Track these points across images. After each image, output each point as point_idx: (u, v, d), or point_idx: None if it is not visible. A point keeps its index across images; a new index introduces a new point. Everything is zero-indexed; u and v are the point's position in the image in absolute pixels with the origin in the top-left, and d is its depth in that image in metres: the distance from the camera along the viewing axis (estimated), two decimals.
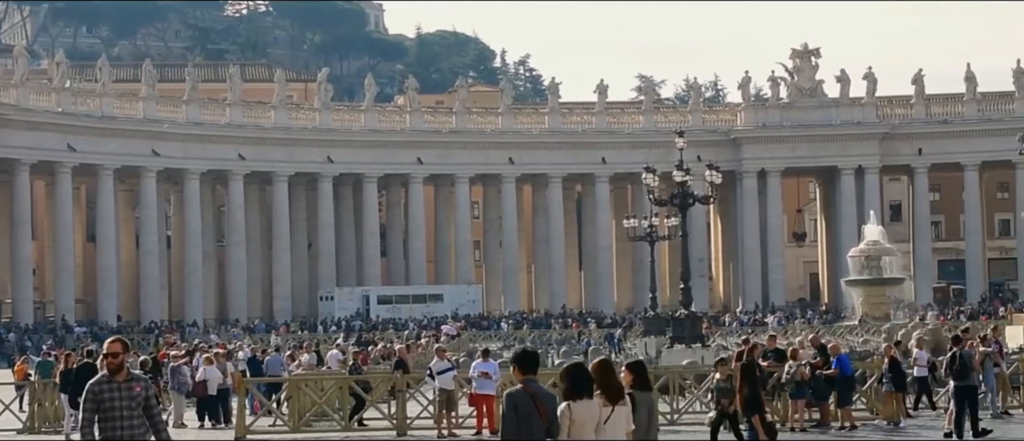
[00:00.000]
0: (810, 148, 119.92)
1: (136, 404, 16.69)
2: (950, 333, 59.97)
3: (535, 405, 15.65)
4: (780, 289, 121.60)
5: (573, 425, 15.79)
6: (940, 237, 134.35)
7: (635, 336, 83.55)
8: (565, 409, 15.81)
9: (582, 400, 15.87)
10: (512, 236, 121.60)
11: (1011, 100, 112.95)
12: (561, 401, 15.93)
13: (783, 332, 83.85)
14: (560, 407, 15.84)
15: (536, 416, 15.63)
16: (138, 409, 16.68)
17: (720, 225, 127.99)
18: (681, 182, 63.17)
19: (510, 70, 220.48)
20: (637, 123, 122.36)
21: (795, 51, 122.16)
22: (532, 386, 15.86)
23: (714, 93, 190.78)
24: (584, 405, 15.87)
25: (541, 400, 15.74)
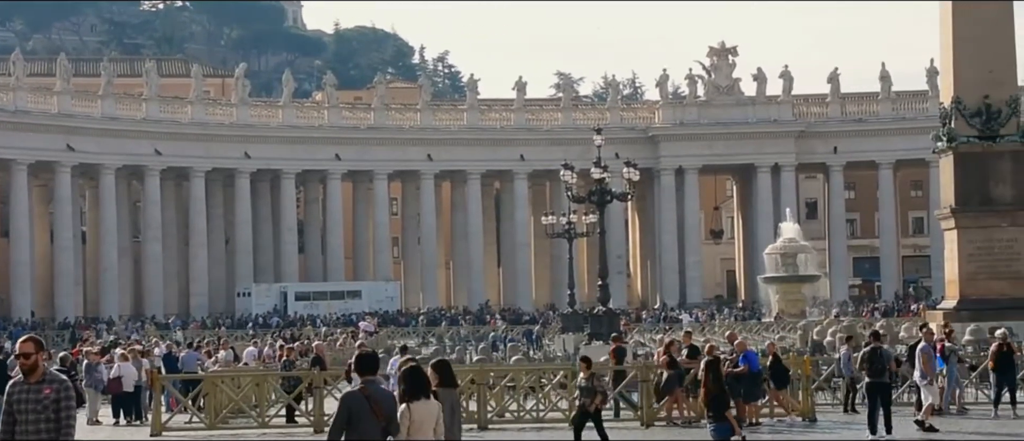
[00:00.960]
0: (727, 146, 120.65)
1: (44, 407, 16.12)
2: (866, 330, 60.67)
3: (370, 406, 16.07)
4: (697, 286, 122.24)
5: (412, 425, 16.37)
6: (855, 235, 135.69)
7: (553, 333, 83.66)
8: (404, 410, 16.41)
9: (420, 401, 16.51)
10: (430, 233, 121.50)
11: (925, 99, 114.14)
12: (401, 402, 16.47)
13: (700, 329, 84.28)
14: (400, 408, 16.38)
15: (371, 417, 16.03)
16: (46, 412, 16.12)
17: (638, 222, 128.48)
18: (599, 179, 63.40)
19: (429, 67, 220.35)
20: (555, 120, 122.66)
21: (712, 49, 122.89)
22: (369, 387, 16.29)
23: (632, 91, 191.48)
24: (422, 405, 16.51)
25: (376, 401, 16.15)
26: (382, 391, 16.57)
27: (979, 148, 52.55)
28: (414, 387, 16.66)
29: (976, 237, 52.37)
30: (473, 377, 37.30)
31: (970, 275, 52.29)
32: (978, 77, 52.99)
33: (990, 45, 53.24)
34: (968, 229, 52.51)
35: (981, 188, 52.71)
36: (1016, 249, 52.77)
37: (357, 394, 16.29)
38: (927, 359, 34.03)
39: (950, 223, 53.44)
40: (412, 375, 16.81)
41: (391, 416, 16.27)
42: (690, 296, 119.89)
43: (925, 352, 34.23)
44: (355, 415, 16.09)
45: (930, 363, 34.07)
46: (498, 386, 38.02)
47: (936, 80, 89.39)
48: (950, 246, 53.89)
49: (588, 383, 29.76)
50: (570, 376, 37.43)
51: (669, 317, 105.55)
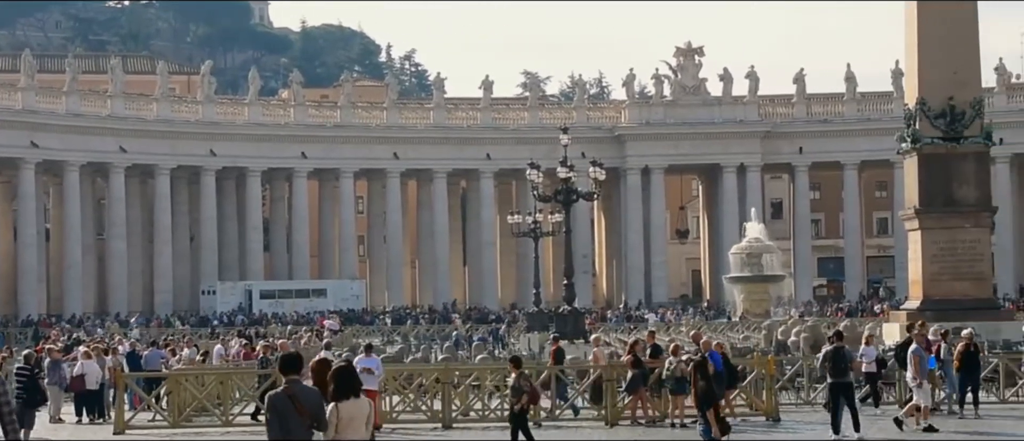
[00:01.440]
0: (693, 146, 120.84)
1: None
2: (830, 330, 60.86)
3: (294, 405, 16.57)
4: (663, 285, 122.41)
5: (341, 423, 16.79)
6: (820, 235, 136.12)
7: (519, 332, 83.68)
8: (333, 409, 16.83)
9: (349, 400, 16.93)
10: (396, 231, 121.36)
11: (890, 100, 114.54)
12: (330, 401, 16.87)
13: (664, 328, 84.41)
14: (329, 407, 16.79)
15: (295, 416, 16.54)
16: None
17: (604, 221, 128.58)
18: (565, 178, 63.50)
19: (395, 65, 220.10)
20: (522, 119, 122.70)
21: (679, 49, 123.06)
22: (293, 387, 16.79)
23: (599, 90, 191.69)
24: (352, 404, 16.94)
25: (301, 400, 16.66)
26: (306, 390, 16.97)
27: (943, 149, 52.80)
28: (343, 386, 17.03)
29: (940, 238, 52.61)
30: (438, 376, 37.29)
31: (934, 276, 52.54)
32: (942, 79, 53.24)
33: (954, 47, 53.51)
34: (932, 230, 52.75)
35: (945, 189, 52.97)
36: (979, 250, 53.08)
37: (281, 394, 16.75)
38: (919, 360, 34.11)
39: (914, 224, 53.68)
40: (341, 375, 17.18)
41: (316, 414, 16.67)
42: (655, 295, 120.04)
43: (917, 354, 34.30)
44: (281, 414, 16.59)
45: (922, 364, 34.13)
46: (463, 385, 38.03)
47: (901, 82, 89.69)
48: (914, 247, 54.13)
49: (516, 383, 30.00)
50: (535, 375, 37.48)
51: (634, 316, 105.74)
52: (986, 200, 54.06)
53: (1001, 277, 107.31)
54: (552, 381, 37.65)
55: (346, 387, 17.06)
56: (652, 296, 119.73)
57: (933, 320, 48.37)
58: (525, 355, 59.34)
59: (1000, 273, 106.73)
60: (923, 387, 33.87)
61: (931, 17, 53.73)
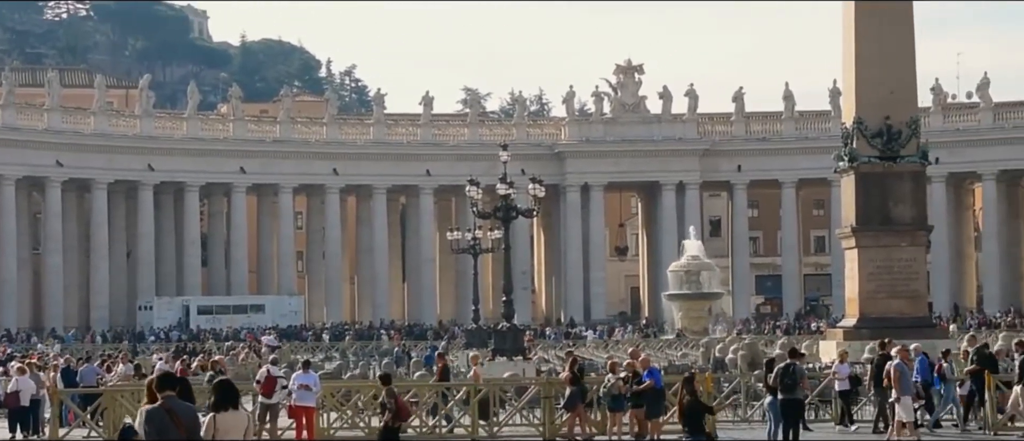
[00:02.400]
0: (632, 163, 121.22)
1: None
2: (767, 347, 61.18)
3: (172, 419, 17.03)
4: (601, 302, 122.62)
5: (217, 433, 17.31)
6: (758, 253, 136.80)
7: (457, 348, 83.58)
8: (210, 420, 17.41)
9: (227, 412, 17.47)
10: (335, 247, 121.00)
11: (827, 119, 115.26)
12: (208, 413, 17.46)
13: (603, 345, 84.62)
14: (206, 419, 17.38)
15: (173, 428, 17.00)
16: None
17: (543, 238, 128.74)
18: (505, 195, 63.34)
19: (335, 80, 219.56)
20: (462, 136, 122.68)
21: (619, 67, 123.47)
22: (169, 402, 17.21)
23: (539, 107, 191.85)
24: (230, 416, 17.47)
25: (178, 414, 17.11)
26: (183, 405, 17.35)
27: (880, 168, 53.08)
28: (222, 399, 17.56)
29: (876, 256, 52.87)
30: (375, 393, 37.18)
31: (870, 294, 52.79)
32: (879, 98, 53.55)
33: (891, 67, 53.85)
34: (868, 248, 53.02)
35: (881, 208, 53.24)
36: (915, 268, 53.37)
37: (159, 409, 17.13)
38: (900, 376, 34.27)
39: (851, 242, 53.94)
40: (220, 388, 17.77)
41: (192, 428, 17.17)
42: (594, 312, 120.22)
43: (899, 369, 34.47)
44: (158, 428, 17.00)
45: (903, 380, 34.27)
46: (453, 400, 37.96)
47: (838, 100, 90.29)
48: (851, 265, 54.40)
49: (383, 399, 30.37)
50: (473, 393, 37.47)
51: (573, 333, 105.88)
52: (922, 219, 54.39)
53: (936, 295, 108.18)
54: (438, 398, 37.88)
55: (225, 399, 17.56)
56: (591, 313, 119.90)
57: (869, 338, 48.68)
58: (464, 372, 59.35)
59: (935, 291, 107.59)
60: (903, 402, 34.07)
61: (868, 37, 54.09)
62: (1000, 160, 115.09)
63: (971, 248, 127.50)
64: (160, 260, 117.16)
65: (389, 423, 30.37)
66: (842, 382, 38.81)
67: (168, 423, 17.01)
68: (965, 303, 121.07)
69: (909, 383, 34.33)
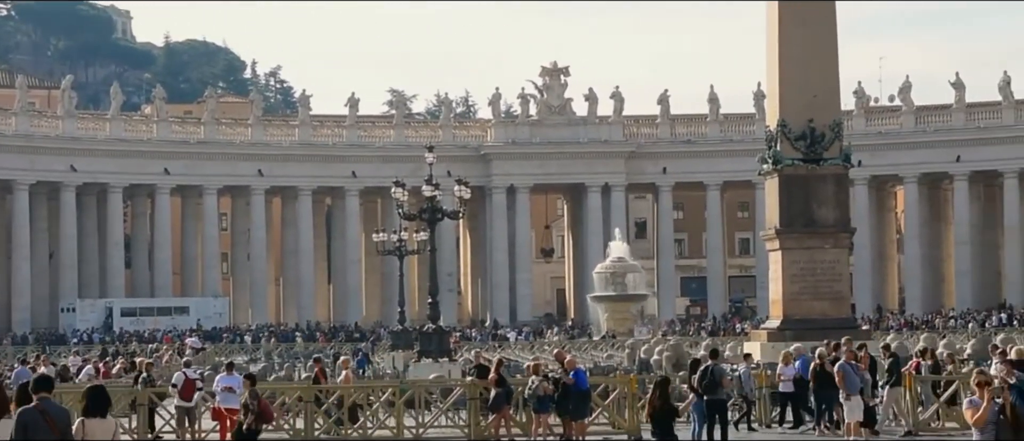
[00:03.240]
0: (558, 165, 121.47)
1: None
2: (692, 349, 61.49)
3: (45, 420, 17.59)
4: (527, 304, 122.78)
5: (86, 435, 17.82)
6: (683, 254, 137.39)
7: (383, 350, 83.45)
8: (79, 424, 17.91)
9: (96, 418, 18.03)
10: (260, 248, 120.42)
11: (752, 122, 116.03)
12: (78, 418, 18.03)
13: (528, 347, 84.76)
14: (75, 423, 17.89)
15: (46, 429, 17.53)
16: None
17: (469, 240, 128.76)
18: (431, 197, 63.28)
19: (260, 81, 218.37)
20: (388, 137, 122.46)
21: (545, 69, 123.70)
22: (43, 404, 17.78)
23: (465, 109, 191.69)
24: (98, 423, 18.03)
25: (51, 416, 17.67)
26: (57, 407, 18.08)
27: (803, 171, 53.48)
28: (92, 405, 18.10)
29: (799, 258, 53.26)
30: (301, 394, 37.06)
31: (793, 295, 53.17)
32: (803, 101, 53.95)
33: (814, 71, 54.28)
34: (792, 250, 53.39)
35: (805, 210, 53.63)
36: (838, 270, 53.81)
37: (33, 410, 17.67)
38: (845, 376, 34.51)
39: (775, 244, 54.31)
40: (91, 394, 18.33)
41: (65, 429, 17.67)
42: (520, 314, 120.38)
43: (843, 369, 34.70)
44: (31, 429, 17.50)
45: (849, 380, 34.50)
46: (326, 404, 37.80)
47: (763, 103, 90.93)
48: (774, 267, 54.77)
49: (245, 401, 30.50)
50: (398, 394, 37.42)
51: (499, 335, 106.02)
52: (845, 221, 54.85)
53: (859, 297, 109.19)
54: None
55: (95, 405, 18.10)
56: (517, 314, 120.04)
57: (792, 339, 48.99)
58: (390, 373, 59.32)
59: (858, 293, 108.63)
60: (851, 402, 34.31)
61: (792, 41, 54.49)
62: (922, 163, 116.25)
63: (893, 250, 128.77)
64: (83, 262, 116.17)
65: (252, 425, 30.31)
66: (786, 384, 38.96)
67: (41, 424, 17.50)
68: (887, 305, 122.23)
69: (855, 382, 34.59)
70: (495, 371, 36.93)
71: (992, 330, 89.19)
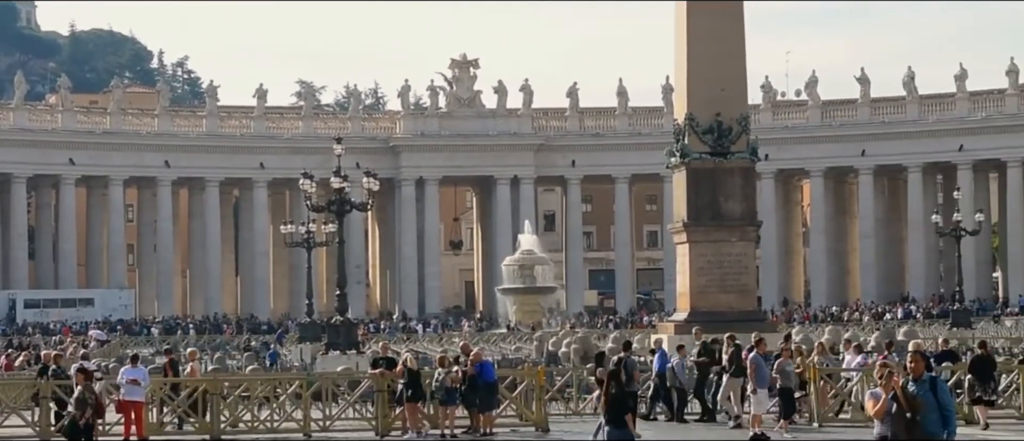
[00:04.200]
0: (467, 157, 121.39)
1: None
2: (600, 341, 61.65)
3: None
4: (436, 296, 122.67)
5: None
6: (592, 247, 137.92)
7: (291, 342, 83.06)
8: None
9: None
10: (167, 240, 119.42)
11: (660, 115, 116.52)
12: None
13: (437, 339, 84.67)
14: None
15: None
16: None
17: (378, 232, 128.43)
18: (339, 189, 63.11)
19: (167, 72, 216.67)
20: (296, 129, 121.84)
21: (454, 61, 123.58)
22: None
23: (374, 101, 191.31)
24: None
25: None
26: None
27: (711, 164, 53.81)
28: None
29: (707, 251, 53.60)
30: (206, 387, 36.77)
31: (701, 288, 53.50)
32: (710, 95, 54.28)
33: (722, 65, 54.62)
34: (699, 243, 53.72)
35: (712, 203, 53.96)
36: (744, 263, 54.20)
37: None
38: (756, 368, 34.71)
39: (682, 237, 54.60)
40: None
41: None
42: (429, 306, 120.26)
43: (755, 362, 34.88)
44: None
45: (759, 373, 34.69)
46: (232, 396, 37.55)
47: (671, 97, 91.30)
48: (682, 260, 55.07)
49: (80, 395, 29.95)
50: (306, 385, 37.23)
51: (408, 327, 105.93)
52: (751, 214, 55.25)
53: (765, 289, 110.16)
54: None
55: None
56: (425, 307, 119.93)
57: (701, 332, 49.29)
58: (297, 366, 59.03)
59: (764, 285, 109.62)
60: (758, 394, 34.53)
61: (700, 35, 54.80)
62: (827, 157, 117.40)
63: (799, 243, 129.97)
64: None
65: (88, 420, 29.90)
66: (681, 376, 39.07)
67: None
68: (793, 297, 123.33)
69: (765, 375, 34.81)
70: (403, 364, 36.84)
71: (895, 322, 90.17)
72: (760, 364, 34.86)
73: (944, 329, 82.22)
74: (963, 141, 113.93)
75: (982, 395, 35.86)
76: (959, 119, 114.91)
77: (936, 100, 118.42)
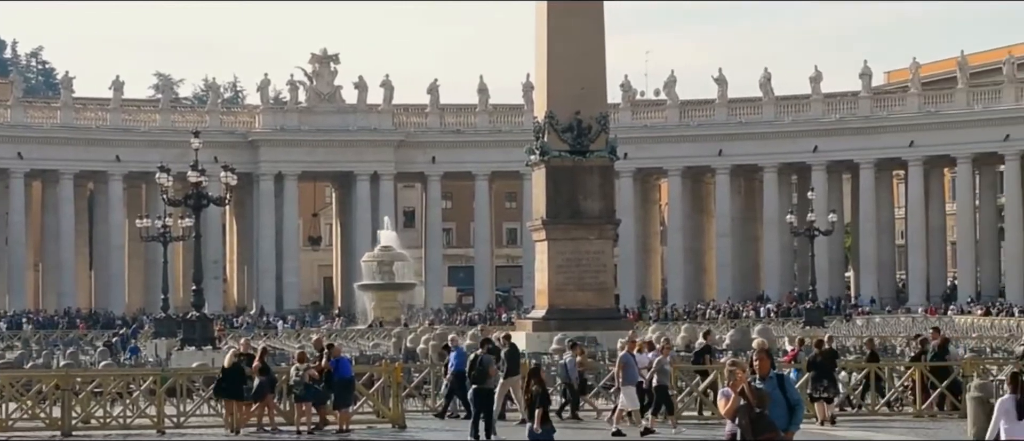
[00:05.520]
0: (327, 153, 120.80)
1: None
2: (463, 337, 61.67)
3: None
4: (294, 292, 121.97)
5: None
6: (451, 244, 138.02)
7: (146, 338, 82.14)
8: None
9: None
10: (19, 233, 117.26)
11: (521, 113, 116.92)
12: None
13: (295, 335, 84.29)
14: None
15: None
16: None
17: (236, 227, 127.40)
18: (196, 183, 62.58)
19: (21, 62, 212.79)
20: (153, 122, 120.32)
21: (314, 56, 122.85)
22: None
23: (233, 94, 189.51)
24: None
25: None
26: None
27: (570, 162, 54.19)
28: None
29: (565, 249, 53.95)
30: (57, 382, 36.23)
31: (559, 286, 53.84)
32: (570, 93, 54.64)
33: (582, 64, 55.01)
34: (558, 241, 54.06)
35: (571, 201, 54.34)
36: (602, 261, 54.64)
37: None
38: (625, 366, 34.88)
39: (541, 235, 54.91)
40: None
41: None
42: (287, 302, 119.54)
43: (624, 360, 35.05)
44: None
45: (627, 370, 34.86)
46: (84, 392, 37.03)
47: (531, 95, 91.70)
48: (541, 257, 55.39)
49: None
50: (160, 381, 36.85)
51: (266, 323, 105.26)
52: (610, 212, 55.71)
53: (623, 287, 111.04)
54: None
55: None
56: (284, 302, 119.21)
57: (557, 329, 49.69)
58: (152, 362, 58.42)
59: (622, 284, 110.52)
60: (626, 391, 34.73)
61: (560, 34, 55.13)
62: (685, 156, 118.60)
63: (657, 242, 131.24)
64: None
65: None
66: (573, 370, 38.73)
67: None
68: (651, 296, 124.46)
69: (633, 373, 35.08)
70: (259, 359, 36.60)
71: (751, 322, 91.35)
72: (629, 362, 35.19)
73: (797, 328, 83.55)
74: (817, 142, 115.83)
75: (820, 393, 36.55)
76: (814, 120, 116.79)
77: (791, 102, 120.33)
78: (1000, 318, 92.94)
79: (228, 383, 35.44)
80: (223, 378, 35.70)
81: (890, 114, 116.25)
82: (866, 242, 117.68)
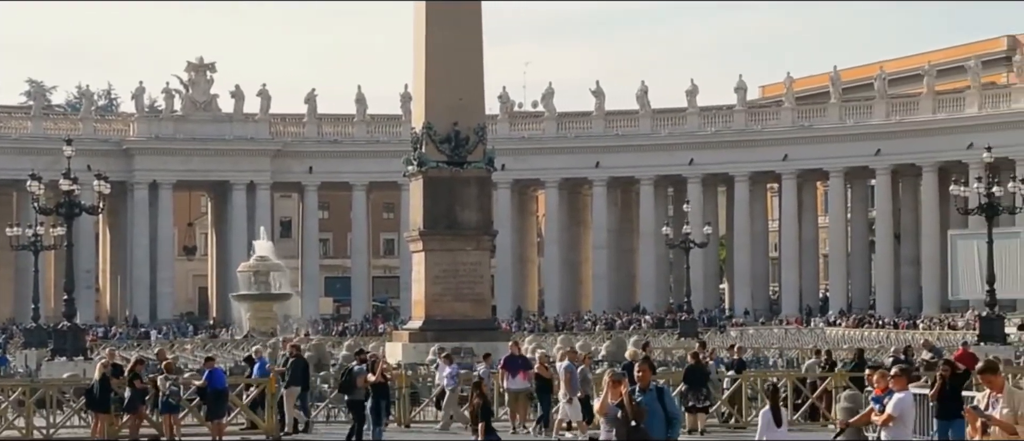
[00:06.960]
0: (203, 162, 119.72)
1: None
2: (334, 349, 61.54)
3: None
4: (169, 302, 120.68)
5: None
6: (328, 254, 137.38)
7: (16, 348, 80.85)
8: None
9: None
10: None
11: (399, 123, 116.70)
12: None
13: (169, 346, 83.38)
14: None
15: None
16: None
17: (109, 236, 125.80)
18: (68, 191, 61.77)
19: None
20: (24, 129, 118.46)
21: (190, 64, 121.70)
22: None
23: (107, 102, 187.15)
24: None
25: None
26: None
27: (447, 173, 54.25)
28: None
29: (442, 260, 53.98)
30: None
31: (436, 297, 53.85)
32: (448, 104, 54.69)
33: (460, 74, 55.10)
34: (435, 252, 54.08)
35: (448, 212, 54.40)
36: (479, 272, 54.76)
37: None
38: (569, 377, 35.03)
39: (418, 245, 54.89)
40: None
41: None
42: (161, 312, 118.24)
43: (568, 370, 35.20)
44: None
45: (572, 381, 35.03)
46: None
47: (409, 105, 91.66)
48: (418, 268, 55.36)
49: None
50: (29, 393, 36.31)
51: (139, 333, 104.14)
52: (487, 224, 55.85)
53: (500, 299, 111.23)
54: None
55: None
56: (158, 312, 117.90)
57: (434, 340, 49.67)
58: (21, 373, 57.49)
59: (499, 295, 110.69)
60: (573, 403, 34.92)
61: (438, 44, 55.17)
62: (562, 168, 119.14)
63: (534, 253, 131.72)
64: None
65: None
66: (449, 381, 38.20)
67: None
68: (528, 307, 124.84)
69: (578, 383, 35.37)
70: (131, 370, 36.21)
71: (627, 333, 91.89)
72: (574, 372, 35.45)
73: (672, 339, 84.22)
74: (693, 155, 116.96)
75: (695, 403, 37.00)
76: (690, 133, 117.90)
77: (668, 115, 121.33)
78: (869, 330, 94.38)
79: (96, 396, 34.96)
80: (90, 390, 35.26)
81: (764, 128, 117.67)
82: (740, 254, 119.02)
